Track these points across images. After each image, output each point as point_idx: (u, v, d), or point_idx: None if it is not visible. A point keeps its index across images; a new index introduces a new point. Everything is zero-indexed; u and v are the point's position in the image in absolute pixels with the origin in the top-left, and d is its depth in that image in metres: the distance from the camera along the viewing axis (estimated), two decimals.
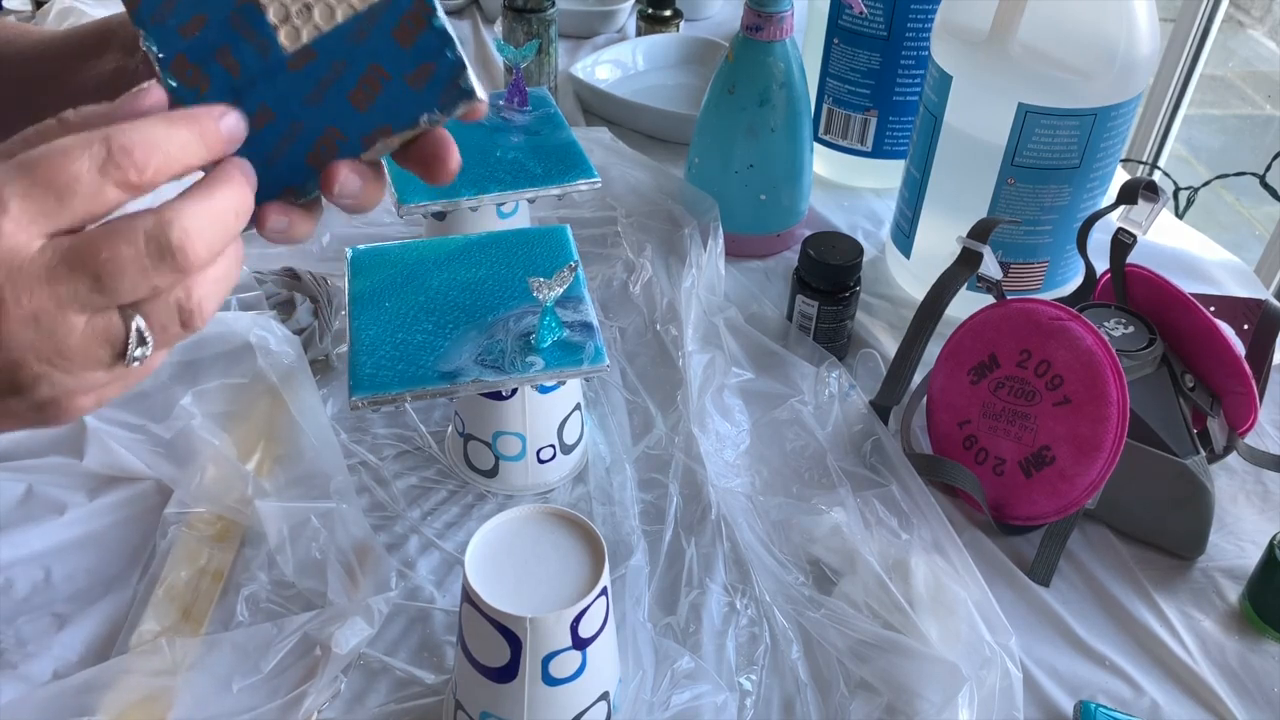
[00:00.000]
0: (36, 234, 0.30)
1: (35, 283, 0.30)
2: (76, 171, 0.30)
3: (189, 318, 0.33)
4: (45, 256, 0.30)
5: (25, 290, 0.30)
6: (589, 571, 0.49)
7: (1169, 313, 0.69)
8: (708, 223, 0.86)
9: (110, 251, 0.30)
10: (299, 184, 0.38)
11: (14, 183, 0.29)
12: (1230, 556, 0.66)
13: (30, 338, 0.30)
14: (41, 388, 0.32)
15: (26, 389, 0.31)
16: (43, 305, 0.30)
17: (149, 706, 0.54)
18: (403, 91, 0.37)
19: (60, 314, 0.30)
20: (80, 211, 0.30)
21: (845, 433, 0.72)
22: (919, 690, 0.56)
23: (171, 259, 0.31)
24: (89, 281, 0.30)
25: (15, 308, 0.30)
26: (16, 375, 0.31)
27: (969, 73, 0.76)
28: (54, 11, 1.07)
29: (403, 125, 0.38)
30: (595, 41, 1.29)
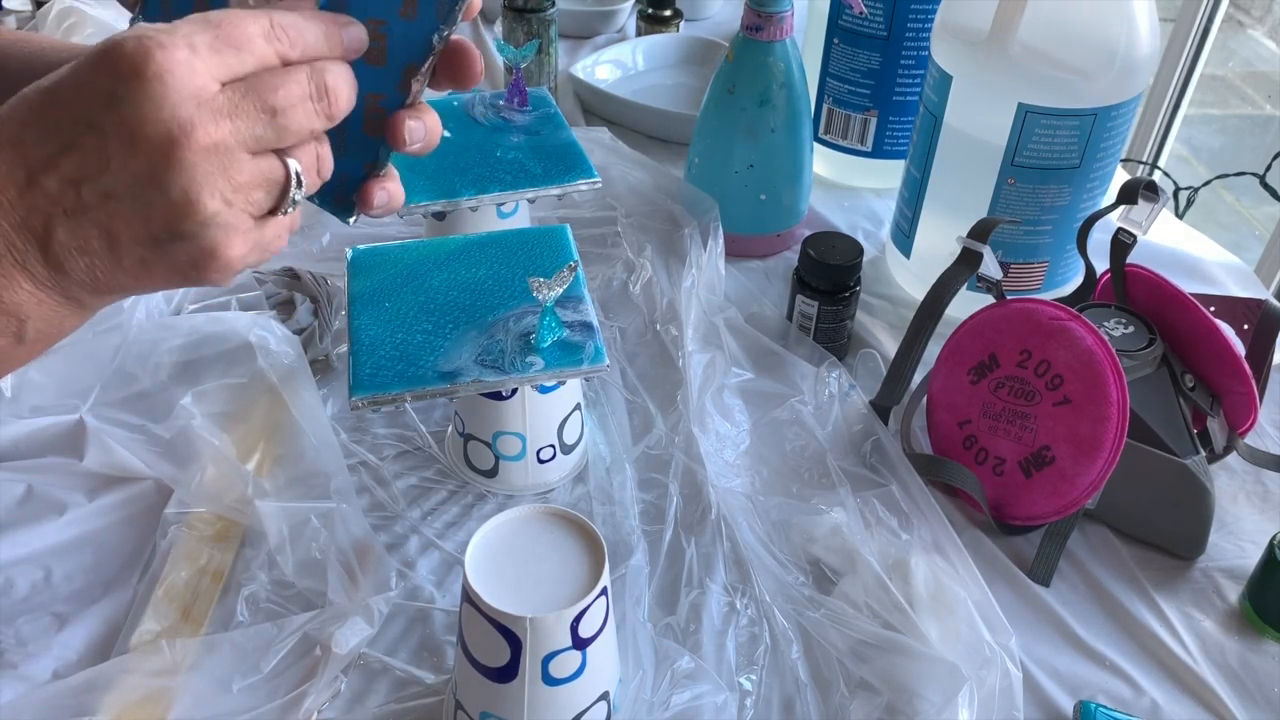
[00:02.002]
0: (217, 78, 0.33)
1: (220, 115, 0.33)
2: (252, 34, 0.34)
3: (324, 165, 0.37)
4: (227, 94, 0.33)
5: (211, 120, 0.33)
6: (589, 571, 0.49)
7: (1169, 313, 0.69)
8: (708, 223, 0.86)
9: (285, 90, 0.34)
10: (372, 158, 0.41)
11: (203, 33, 0.33)
12: (1230, 556, 0.66)
13: (208, 169, 0.33)
14: (208, 231, 0.34)
15: (193, 233, 0.34)
16: (223, 137, 0.33)
17: (149, 706, 0.54)
18: (405, 29, 0.39)
19: (237, 147, 0.34)
20: (250, 66, 0.34)
21: (845, 433, 0.72)
22: (919, 690, 0.56)
23: (326, 101, 0.36)
24: (266, 116, 0.34)
25: (202, 136, 0.32)
26: (189, 213, 0.33)
27: (969, 73, 0.76)
28: (54, 12, 1.07)
29: (423, 56, 0.39)
30: (595, 41, 1.29)
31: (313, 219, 0.90)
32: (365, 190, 0.41)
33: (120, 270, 0.34)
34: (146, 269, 0.35)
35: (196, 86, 0.32)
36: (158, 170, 0.32)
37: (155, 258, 0.34)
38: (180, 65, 0.32)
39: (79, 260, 0.34)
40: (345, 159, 0.40)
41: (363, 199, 0.41)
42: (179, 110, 0.32)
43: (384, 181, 0.41)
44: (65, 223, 0.33)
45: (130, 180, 0.33)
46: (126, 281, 0.35)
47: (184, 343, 0.69)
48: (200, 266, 0.35)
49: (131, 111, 0.32)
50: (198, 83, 0.32)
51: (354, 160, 0.40)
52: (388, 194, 0.41)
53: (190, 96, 0.32)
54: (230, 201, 0.34)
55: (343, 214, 0.42)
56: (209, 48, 0.33)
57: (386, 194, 0.41)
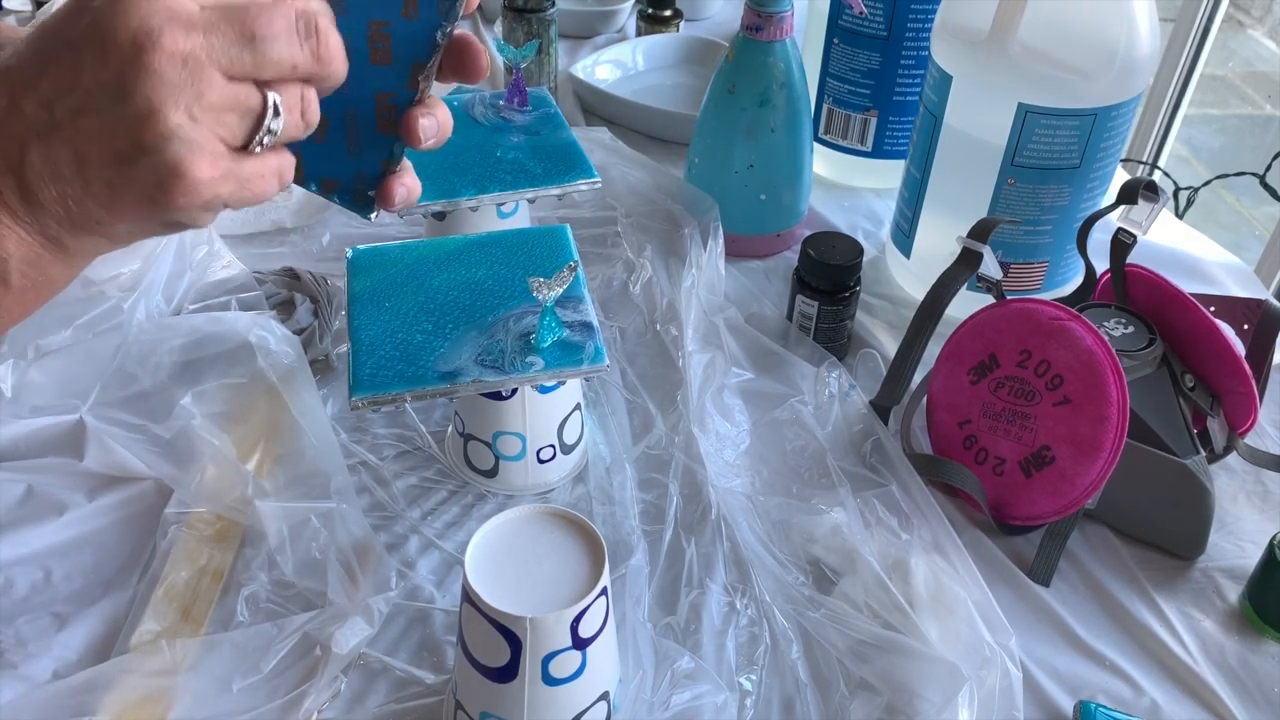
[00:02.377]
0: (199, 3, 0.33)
1: (190, 28, 0.32)
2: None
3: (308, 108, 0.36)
4: (205, 13, 0.32)
5: (181, 31, 0.32)
6: (589, 571, 0.49)
7: (1169, 313, 0.69)
8: (708, 223, 0.86)
9: (267, 17, 0.33)
10: (387, 155, 0.41)
11: None
12: (1230, 556, 0.66)
13: (174, 79, 0.32)
14: (171, 145, 0.32)
15: (155, 145, 0.32)
16: (193, 49, 0.32)
17: (149, 706, 0.54)
18: (407, 28, 0.39)
19: (208, 64, 0.32)
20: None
21: (845, 433, 0.72)
22: (919, 690, 0.56)
23: (313, 41, 0.35)
24: (242, 39, 0.33)
25: (169, 43, 0.32)
26: (152, 123, 0.32)
27: (969, 73, 0.76)
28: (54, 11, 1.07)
29: (428, 53, 0.39)
30: (595, 41, 1.29)
31: (313, 219, 0.90)
32: (385, 187, 0.41)
33: (89, 197, 0.34)
34: (114, 193, 0.34)
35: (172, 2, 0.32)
36: (124, 78, 0.32)
37: (121, 180, 0.33)
38: None
39: (50, 188, 0.33)
40: (361, 157, 0.41)
41: (383, 195, 0.42)
42: (150, 19, 0.32)
43: (402, 177, 0.42)
44: (37, 146, 0.33)
45: (98, 90, 0.32)
46: (97, 211, 0.34)
47: (184, 343, 0.69)
48: (166, 188, 0.33)
49: (102, 19, 0.32)
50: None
51: (370, 158, 0.41)
52: (406, 189, 0.42)
53: (164, 8, 0.32)
54: (196, 118, 0.33)
55: (363, 210, 0.42)
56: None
57: (405, 189, 0.42)
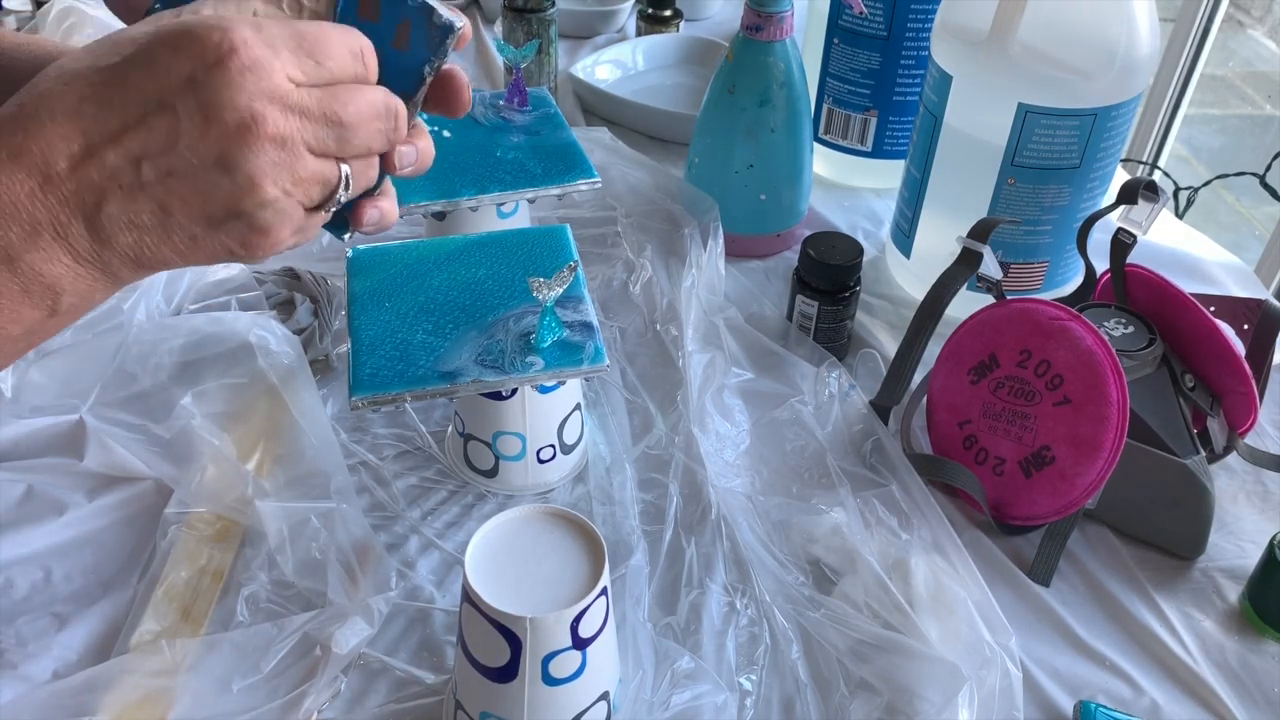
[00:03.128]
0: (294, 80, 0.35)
1: (288, 111, 0.35)
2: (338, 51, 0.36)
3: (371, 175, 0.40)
4: (303, 97, 0.35)
5: (281, 114, 0.34)
6: (589, 571, 0.49)
7: (1169, 313, 0.69)
8: (708, 223, 0.86)
9: (356, 106, 0.37)
10: None
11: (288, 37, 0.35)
12: (1230, 556, 0.66)
13: (273, 158, 0.34)
14: (264, 214, 0.35)
15: (250, 214, 0.35)
16: (291, 133, 0.35)
17: (149, 706, 0.54)
18: (397, 59, 0.39)
19: (301, 145, 0.35)
20: (327, 78, 0.36)
21: (845, 433, 0.72)
22: (919, 690, 0.56)
23: (393, 124, 0.38)
24: (331, 124, 0.36)
25: (272, 128, 0.34)
26: (250, 194, 0.35)
27: (969, 73, 0.76)
28: (54, 12, 1.07)
29: (415, 86, 0.40)
30: (595, 41, 1.29)
31: None
32: (358, 209, 0.42)
33: (168, 246, 0.36)
34: (195, 245, 0.36)
35: (275, 84, 0.34)
36: (227, 153, 0.34)
37: (207, 236, 0.36)
38: (262, 61, 0.34)
39: (127, 235, 0.35)
40: None
41: (355, 217, 0.42)
42: (255, 101, 0.34)
43: (376, 200, 0.42)
44: (119, 197, 0.34)
45: (197, 160, 0.34)
46: (171, 257, 0.36)
47: (184, 343, 0.69)
48: (249, 246, 0.36)
49: (210, 96, 0.33)
50: (276, 81, 0.34)
51: None
52: (380, 212, 0.42)
53: (267, 91, 0.34)
54: (289, 192, 0.36)
55: (338, 231, 0.43)
56: (291, 52, 0.35)
57: (379, 212, 0.42)
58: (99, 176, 0.33)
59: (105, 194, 0.34)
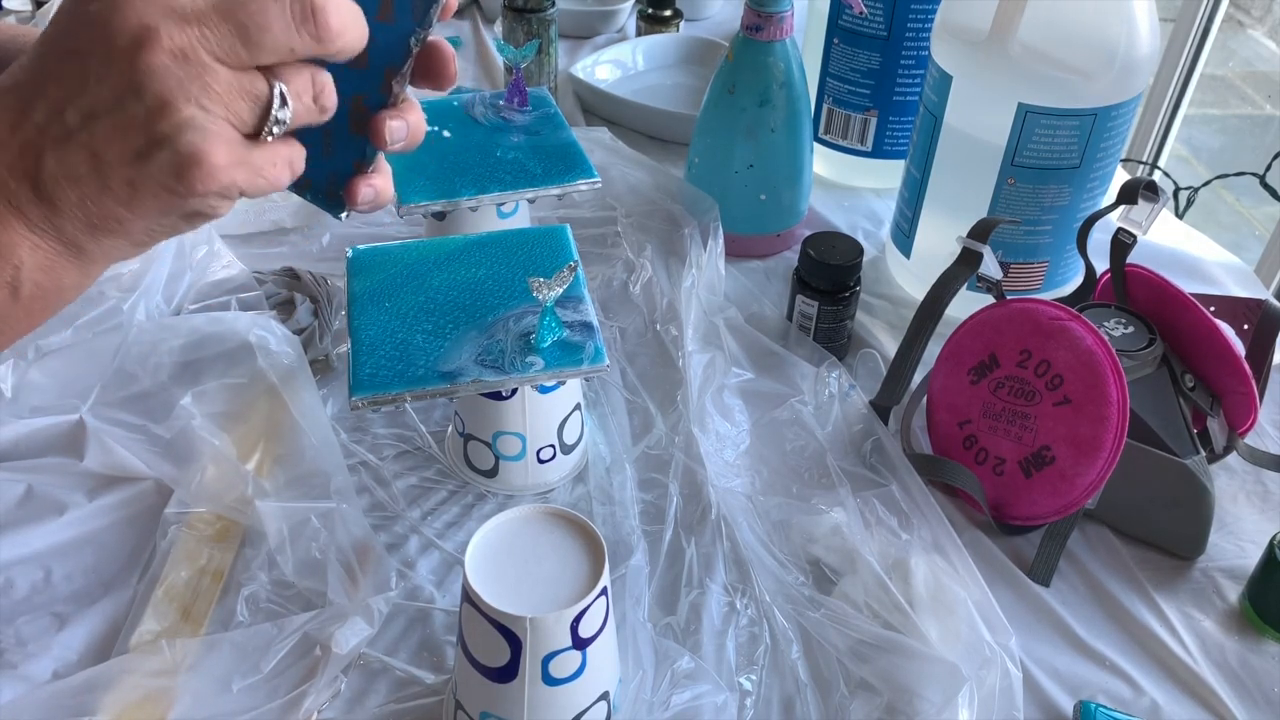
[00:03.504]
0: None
1: (184, 22, 0.33)
2: None
3: (321, 92, 0.36)
4: (197, 4, 0.33)
5: (177, 27, 0.33)
6: (589, 571, 0.49)
7: (1169, 313, 0.69)
8: (708, 223, 0.86)
9: (258, 5, 0.33)
10: (360, 156, 0.41)
11: None
12: (1230, 556, 0.66)
13: (177, 74, 0.33)
14: (186, 135, 0.33)
15: (170, 136, 0.33)
16: (190, 43, 0.33)
17: (149, 706, 0.54)
18: (383, 31, 0.39)
19: (208, 58, 0.33)
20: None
21: (845, 433, 0.72)
22: (919, 690, 0.56)
23: (312, 23, 0.34)
24: (235, 29, 0.33)
25: (167, 40, 0.32)
26: (164, 116, 0.33)
27: (969, 73, 0.76)
28: (54, 12, 1.07)
29: (402, 58, 0.40)
30: (595, 41, 1.29)
31: (313, 219, 0.90)
32: (352, 186, 0.42)
33: (109, 196, 0.35)
34: (134, 190, 0.35)
35: None
36: (131, 78, 0.33)
37: (140, 176, 0.34)
38: None
39: (69, 191, 0.34)
40: (334, 157, 0.41)
41: (349, 194, 0.42)
42: (145, 17, 0.32)
43: (371, 178, 0.42)
44: (53, 152, 0.34)
45: (107, 93, 0.33)
46: (117, 210, 0.35)
47: (184, 343, 0.69)
48: (184, 175, 0.34)
49: (102, 24, 0.33)
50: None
51: (342, 158, 0.41)
52: (374, 190, 0.42)
53: (158, 5, 0.33)
54: (206, 108, 0.34)
55: (333, 209, 0.43)
56: None
57: (373, 190, 0.42)
58: (34, 135, 0.34)
59: (41, 151, 0.34)
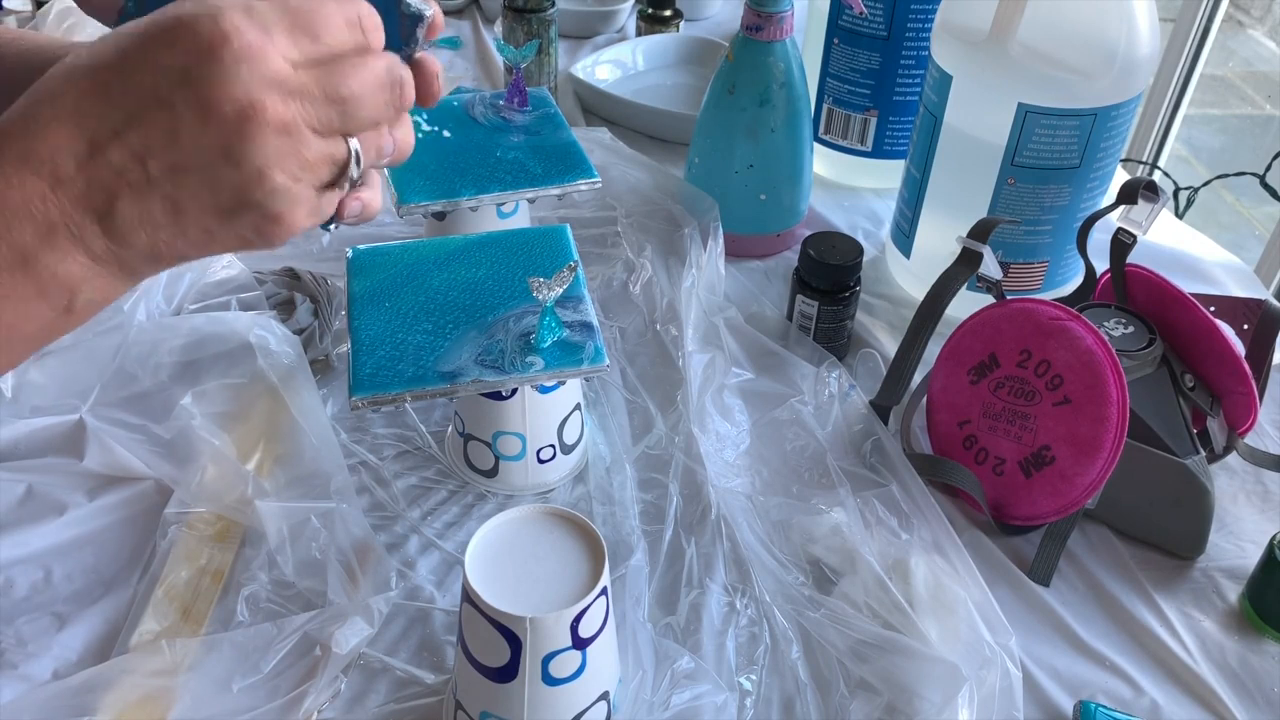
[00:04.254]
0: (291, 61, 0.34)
1: (288, 95, 0.34)
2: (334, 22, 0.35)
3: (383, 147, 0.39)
4: (302, 78, 0.34)
5: (280, 99, 0.34)
6: (589, 571, 0.49)
7: (1169, 313, 0.69)
8: (708, 223, 0.86)
9: (359, 79, 0.36)
10: None
11: (281, 18, 0.34)
12: (1230, 556, 0.66)
13: (277, 146, 0.34)
14: (276, 202, 0.35)
15: (261, 203, 0.35)
16: (292, 118, 0.34)
17: (149, 706, 0.54)
18: None
19: (307, 131, 0.35)
20: (325, 53, 0.35)
21: (845, 433, 0.72)
22: (919, 690, 0.56)
23: (399, 94, 0.37)
24: (338, 106, 0.35)
25: (273, 114, 0.33)
26: (259, 184, 0.34)
27: (969, 73, 0.76)
28: (54, 12, 1.07)
29: None
30: (595, 41, 1.29)
31: None
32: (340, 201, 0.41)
33: (183, 240, 0.35)
34: (210, 238, 0.36)
35: (272, 69, 0.33)
36: (231, 145, 0.33)
37: (221, 228, 0.35)
38: (255, 48, 0.33)
39: (141, 233, 0.34)
40: None
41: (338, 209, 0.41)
42: (252, 90, 0.33)
43: (358, 192, 0.41)
44: (131, 197, 0.34)
45: (201, 155, 0.33)
46: (188, 250, 0.36)
47: (184, 343, 0.69)
48: (264, 234, 0.36)
49: (205, 90, 0.33)
50: (273, 66, 0.33)
51: None
52: (361, 203, 0.41)
53: (264, 77, 0.33)
54: (299, 178, 0.35)
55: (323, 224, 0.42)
56: (286, 31, 0.34)
57: (360, 203, 0.41)
58: (107, 175, 0.33)
59: (116, 193, 0.33)
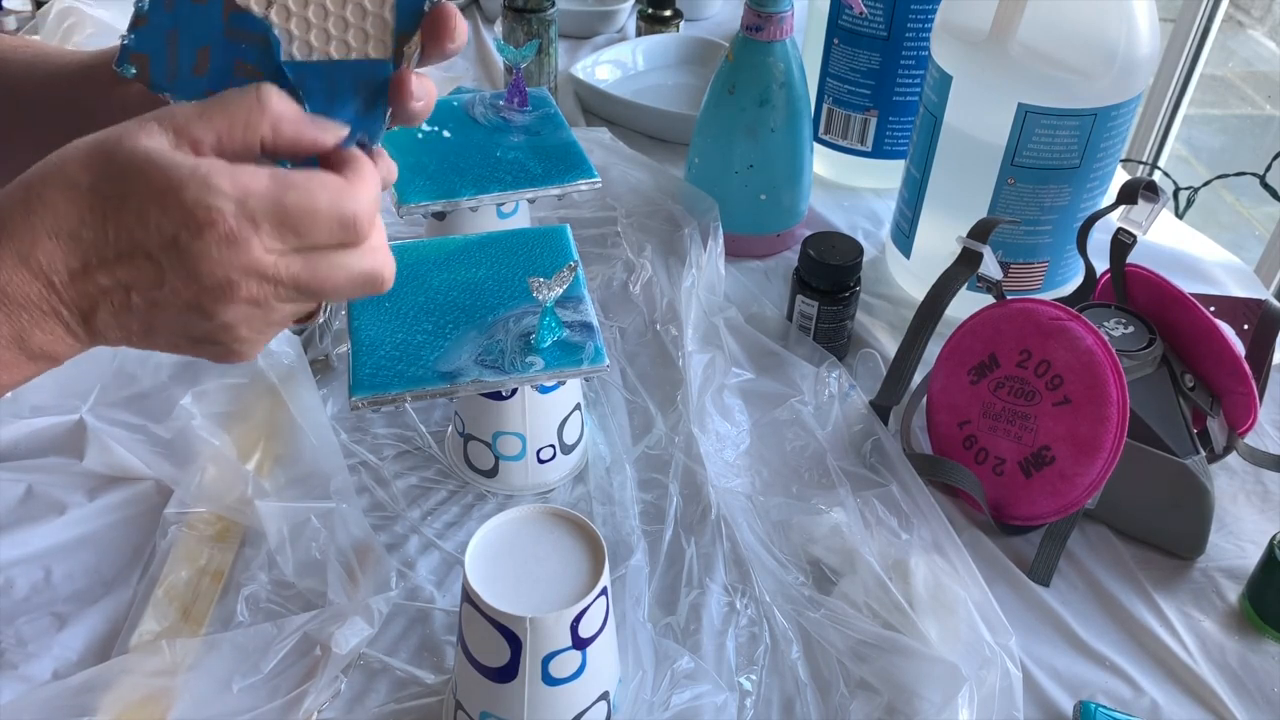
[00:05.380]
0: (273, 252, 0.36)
1: (264, 280, 0.36)
2: (326, 225, 0.37)
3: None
4: (279, 269, 0.36)
5: (256, 285, 0.36)
6: (589, 571, 0.49)
7: (1169, 313, 0.69)
8: (708, 223, 0.86)
9: (334, 283, 0.38)
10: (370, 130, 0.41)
11: (271, 214, 0.35)
12: (1230, 556, 0.66)
13: (247, 313, 0.37)
14: (240, 346, 0.39)
15: (226, 344, 0.38)
16: (265, 296, 0.37)
17: (149, 706, 0.54)
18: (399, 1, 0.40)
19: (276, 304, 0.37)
20: (309, 247, 0.37)
21: (845, 433, 0.72)
22: (919, 690, 0.56)
23: (374, 288, 0.40)
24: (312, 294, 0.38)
25: (246, 293, 0.36)
26: (226, 333, 0.38)
27: (969, 73, 0.76)
28: (54, 12, 1.07)
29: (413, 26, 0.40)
30: (595, 41, 1.29)
31: None
32: None
33: (152, 345, 0.39)
34: (176, 348, 0.39)
35: (252, 258, 0.35)
36: (205, 304, 0.36)
37: (188, 348, 0.39)
38: (240, 236, 0.35)
39: (116, 334, 0.38)
40: None
41: None
42: (230, 272, 0.35)
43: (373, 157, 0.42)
44: (110, 310, 0.36)
45: (178, 303, 0.36)
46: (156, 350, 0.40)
47: None
48: (226, 360, 0.40)
49: (191, 261, 0.35)
50: (254, 255, 0.35)
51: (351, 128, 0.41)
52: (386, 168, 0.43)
53: (243, 264, 0.35)
54: (263, 332, 0.39)
55: None
56: (272, 226, 0.35)
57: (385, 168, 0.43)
58: (94, 291, 0.36)
59: (98, 305, 0.36)
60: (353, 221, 0.37)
